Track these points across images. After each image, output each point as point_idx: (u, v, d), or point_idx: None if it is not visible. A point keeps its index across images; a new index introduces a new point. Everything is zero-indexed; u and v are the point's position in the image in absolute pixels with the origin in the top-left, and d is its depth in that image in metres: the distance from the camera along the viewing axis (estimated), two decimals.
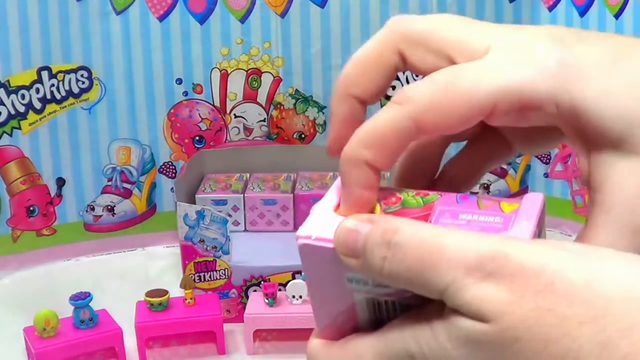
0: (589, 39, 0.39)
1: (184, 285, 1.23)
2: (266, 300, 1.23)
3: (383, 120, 0.40)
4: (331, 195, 0.41)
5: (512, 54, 0.39)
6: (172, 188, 1.50)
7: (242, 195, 1.44)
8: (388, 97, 0.45)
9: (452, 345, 0.35)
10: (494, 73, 0.38)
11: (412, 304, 0.37)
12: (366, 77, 0.42)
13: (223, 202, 1.43)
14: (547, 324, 0.33)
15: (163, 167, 1.51)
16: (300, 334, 1.23)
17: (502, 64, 0.39)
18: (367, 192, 0.39)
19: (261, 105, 1.51)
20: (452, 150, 0.47)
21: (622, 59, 0.38)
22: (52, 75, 1.41)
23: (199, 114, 1.50)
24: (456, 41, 0.40)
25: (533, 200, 0.39)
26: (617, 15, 1.36)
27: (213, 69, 1.48)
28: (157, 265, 1.46)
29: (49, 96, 1.42)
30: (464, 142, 0.47)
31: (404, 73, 1.50)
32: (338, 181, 0.41)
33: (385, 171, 0.40)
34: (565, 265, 0.34)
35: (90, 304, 1.18)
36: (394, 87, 1.52)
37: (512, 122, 0.39)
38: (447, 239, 0.35)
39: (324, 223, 0.39)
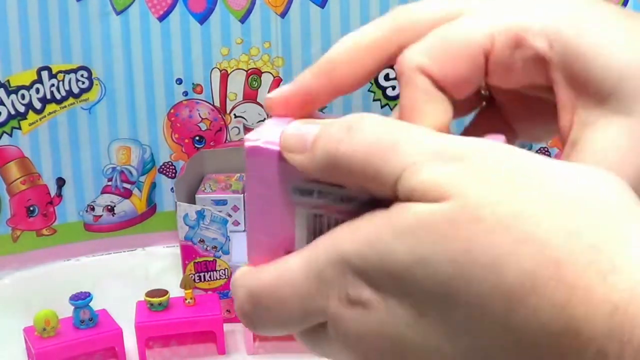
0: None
1: (184, 285, 1.23)
2: None
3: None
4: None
5: (509, 2, 0.38)
6: (172, 188, 1.50)
7: (242, 195, 1.44)
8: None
9: (396, 235, 0.31)
10: (489, 16, 0.38)
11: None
12: (356, 66, 0.39)
13: (223, 202, 1.43)
14: (511, 204, 0.30)
15: (163, 167, 1.51)
16: None
17: (497, 9, 0.38)
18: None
19: (261, 105, 1.51)
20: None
21: (626, 19, 0.37)
22: (52, 75, 1.41)
23: (199, 114, 1.50)
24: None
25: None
26: None
27: (213, 69, 1.48)
28: (157, 265, 1.46)
29: (49, 96, 1.42)
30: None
31: None
32: None
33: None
34: (539, 158, 0.32)
35: (90, 304, 1.18)
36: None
37: (507, 74, 0.38)
38: (414, 127, 0.33)
39: (274, 131, 0.36)
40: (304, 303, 0.34)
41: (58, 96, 1.43)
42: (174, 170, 1.51)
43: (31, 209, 1.45)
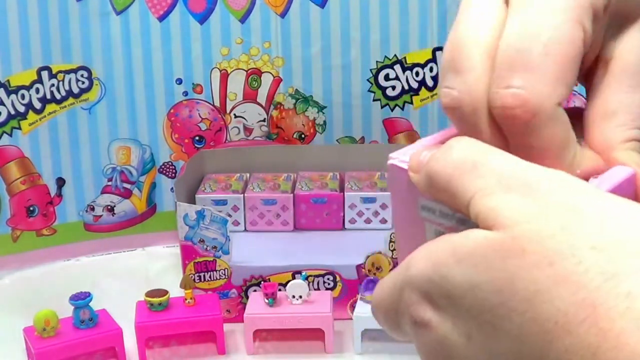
0: None
1: (184, 285, 1.23)
2: (266, 300, 1.23)
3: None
4: (439, 135, 0.40)
5: None
6: (172, 188, 1.50)
7: (242, 195, 1.44)
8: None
9: (456, 260, 0.33)
10: (554, 2, 0.36)
11: None
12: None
13: (223, 202, 1.43)
14: (558, 241, 0.31)
15: (163, 167, 1.51)
16: (300, 334, 1.23)
17: None
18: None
19: (261, 105, 1.51)
20: None
21: None
22: (52, 75, 1.41)
23: (199, 114, 1.50)
24: None
25: (615, 173, 0.37)
26: None
27: (213, 69, 1.48)
28: (157, 265, 1.46)
29: (49, 96, 1.42)
30: None
31: (403, 72, 1.50)
32: (448, 129, 0.40)
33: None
34: (596, 197, 0.33)
35: (90, 304, 1.18)
36: (393, 87, 1.52)
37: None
38: (495, 152, 0.34)
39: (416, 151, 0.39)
40: (396, 319, 0.36)
41: (58, 96, 1.43)
42: (174, 170, 1.51)
43: (31, 209, 1.45)
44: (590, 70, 0.39)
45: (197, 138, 1.51)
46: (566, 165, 0.36)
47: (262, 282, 1.29)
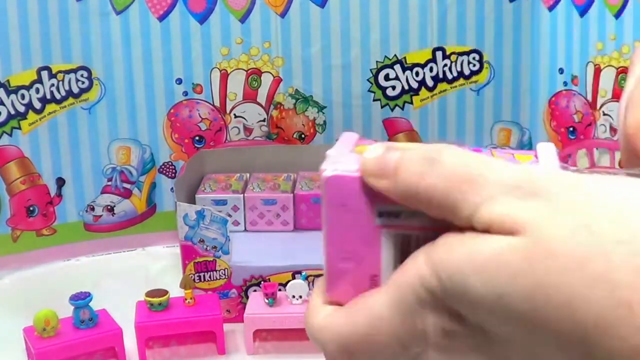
0: None
1: (184, 285, 1.23)
2: (266, 300, 1.23)
3: None
4: (341, 145, 0.40)
5: None
6: (172, 188, 1.50)
7: (242, 195, 1.44)
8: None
9: (475, 270, 0.32)
10: None
11: None
12: None
13: (223, 202, 1.43)
14: (584, 241, 0.30)
15: (163, 167, 1.51)
16: (300, 334, 1.23)
17: None
18: None
19: (261, 105, 1.51)
20: None
21: None
22: (52, 75, 1.41)
23: (199, 114, 1.50)
24: None
25: (547, 150, 0.38)
26: (617, 15, 1.36)
27: (213, 69, 1.48)
28: (157, 265, 1.46)
29: (48, 96, 1.42)
30: None
31: (403, 72, 1.50)
32: (344, 135, 0.40)
33: None
34: (605, 184, 0.32)
35: (90, 304, 1.18)
36: (393, 87, 1.52)
37: None
38: (490, 161, 0.34)
39: (346, 160, 0.37)
40: (401, 344, 0.35)
41: (58, 96, 1.43)
42: (174, 170, 1.51)
43: (31, 209, 1.45)
44: None
45: (197, 138, 1.51)
46: None
47: (262, 282, 1.29)
